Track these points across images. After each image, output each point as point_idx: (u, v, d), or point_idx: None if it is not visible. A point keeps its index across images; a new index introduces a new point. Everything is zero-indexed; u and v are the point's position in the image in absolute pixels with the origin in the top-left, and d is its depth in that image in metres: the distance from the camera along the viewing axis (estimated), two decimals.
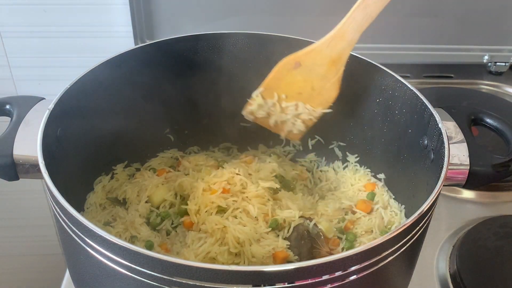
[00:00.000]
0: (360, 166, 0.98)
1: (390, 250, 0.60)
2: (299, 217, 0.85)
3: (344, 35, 0.80)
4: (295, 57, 0.85)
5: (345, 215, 0.88)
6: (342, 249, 0.83)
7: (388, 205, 0.90)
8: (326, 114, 0.98)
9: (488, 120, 0.80)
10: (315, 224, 0.84)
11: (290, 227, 0.83)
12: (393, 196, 0.92)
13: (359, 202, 0.90)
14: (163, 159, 1.01)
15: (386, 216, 0.86)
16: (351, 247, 0.82)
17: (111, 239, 0.55)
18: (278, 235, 0.82)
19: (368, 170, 0.97)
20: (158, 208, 0.89)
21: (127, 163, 0.97)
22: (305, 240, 0.81)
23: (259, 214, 0.83)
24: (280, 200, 0.88)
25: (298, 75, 0.86)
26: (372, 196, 0.91)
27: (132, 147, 0.96)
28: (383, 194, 0.92)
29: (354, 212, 0.88)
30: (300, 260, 0.79)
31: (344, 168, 1.00)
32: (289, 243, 0.80)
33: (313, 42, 0.93)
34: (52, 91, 0.81)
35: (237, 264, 0.78)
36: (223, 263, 0.77)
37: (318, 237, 0.82)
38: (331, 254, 0.79)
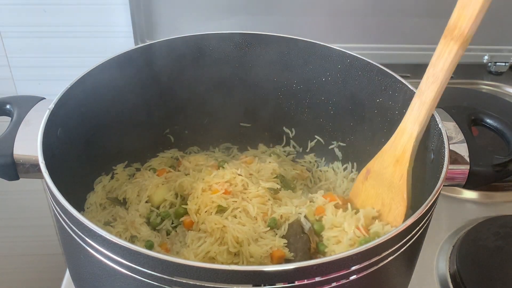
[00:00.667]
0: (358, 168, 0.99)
1: (390, 250, 0.60)
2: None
3: (405, 129, 0.77)
4: (366, 167, 0.83)
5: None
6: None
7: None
8: (326, 115, 0.99)
9: (488, 120, 0.80)
10: (306, 218, 0.83)
11: (286, 224, 0.83)
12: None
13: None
14: (163, 159, 1.01)
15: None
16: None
17: (111, 239, 0.55)
18: (276, 234, 0.82)
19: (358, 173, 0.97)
20: (158, 208, 0.89)
21: (127, 163, 0.97)
22: (300, 236, 0.81)
23: (258, 214, 0.83)
24: (280, 199, 0.88)
25: (369, 187, 0.83)
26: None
27: (132, 147, 0.96)
28: None
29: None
30: (296, 256, 0.79)
31: (344, 170, 1.00)
32: (286, 241, 0.80)
33: (313, 42, 0.93)
34: (52, 91, 0.81)
35: (236, 263, 0.78)
36: (222, 263, 0.77)
37: (311, 233, 0.82)
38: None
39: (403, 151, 0.77)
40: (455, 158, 0.73)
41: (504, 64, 1.44)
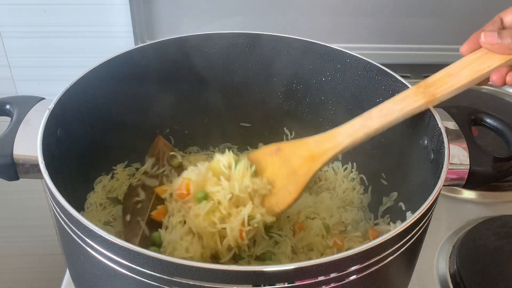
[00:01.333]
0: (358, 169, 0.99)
1: (390, 250, 0.60)
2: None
3: (336, 136, 0.77)
4: (279, 144, 0.82)
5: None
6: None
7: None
8: (326, 115, 0.99)
9: (488, 120, 0.80)
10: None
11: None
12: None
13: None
14: None
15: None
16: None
17: (111, 239, 0.55)
18: None
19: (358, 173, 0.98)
20: None
21: (127, 163, 0.97)
22: None
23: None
24: None
25: (270, 164, 0.81)
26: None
27: (132, 147, 0.96)
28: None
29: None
30: None
31: (344, 170, 1.00)
32: None
33: (313, 42, 0.93)
34: (52, 91, 0.81)
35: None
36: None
37: None
38: None
39: (322, 153, 0.78)
40: (455, 158, 0.73)
41: None
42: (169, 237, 0.78)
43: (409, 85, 0.82)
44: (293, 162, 0.79)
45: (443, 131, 0.73)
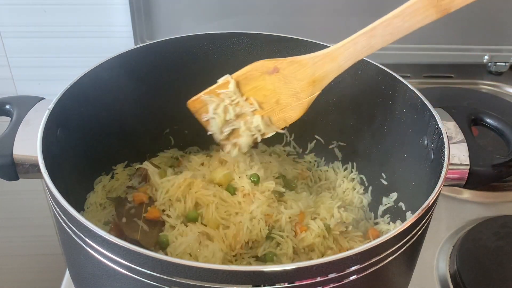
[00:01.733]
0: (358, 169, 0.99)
1: (390, 250, 0.60)
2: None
3: (337, 57, 0.73)
4: (275, 62, 0.78)
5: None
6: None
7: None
8: (326, 115, 0.99)
9: (488, 120, 0.80)
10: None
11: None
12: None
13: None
14: (163, 159, 1.01)
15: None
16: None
17: (111, 239, 0.55)
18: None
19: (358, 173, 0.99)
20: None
21: (127, 163, 0.97)
22: None
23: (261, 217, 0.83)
24: (285, 202, 0.89)
25: (269, 83, 0.79)
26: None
27: (132, 147, 0.96)
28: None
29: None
30: None
31: (344, 170, 1.00)
32: None
33: (313, 42, 0.93)
34: (52, 91, 0.81)
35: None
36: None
37: None
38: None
39: (324, 76, 0.76)
40: (455, 158, 0.73)
41: (504, 64, 1.44)
42: (180, 245, 0.78)
43: (409, 85, 0.83)
44: (295, 85, 0.78)
45: (443, 131, 0.73)
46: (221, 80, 0.83)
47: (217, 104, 0.84)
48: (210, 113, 0.84)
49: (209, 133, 0.87)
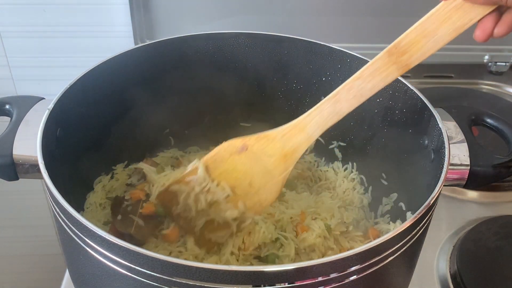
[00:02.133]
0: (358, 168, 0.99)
1: (390, 250, 0.60)
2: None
3: (305, 128, 0.71)
4: (243, 140, 0.75)
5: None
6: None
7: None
8: None
9: (489, 120, 0.80)
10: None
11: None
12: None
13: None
14: (163, 158, 1.01)
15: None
16: None
17: (111, 239, 0.55)
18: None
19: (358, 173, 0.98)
20: None
21: (127, 163, 0.97)
22: None
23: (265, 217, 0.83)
24: (286, 202, 0.88)
25: (240, 163, 0.76)
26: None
27: (132, 147, 0.96)
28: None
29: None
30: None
31: (344, 170, 1.00)
32: None
33: (313, 42, 0.93)
34: (52, 91, 0.81)
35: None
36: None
37: None
38: None
39: (294, 149, 0.73)
40: (455, 158, 0.73)
41: (504, 64, 1.44)
42: None
43: (409, 85, 0.82)
44: (266, 162, 0.75)
45: (443, 131, 0.73)
46: (190, 167, 0.78)
47: (188, 193, 0.78)
48: (180, 204, 0.79)
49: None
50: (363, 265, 0.57)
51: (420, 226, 0.63)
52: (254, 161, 0.75)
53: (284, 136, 0.73)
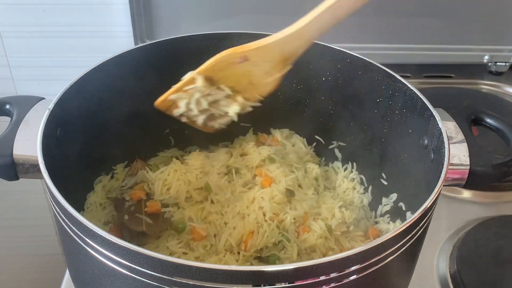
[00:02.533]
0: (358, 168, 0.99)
1: (390, 250, 0.60)
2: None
3: (303, 35, 0.73)
4: (243, 51, 0.77)
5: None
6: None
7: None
8: (326, 115, 0.99)
9: (489, 120, 0.80)
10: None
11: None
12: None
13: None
14: (163, 158, 1.01)
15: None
16: None
17: (111, 239, 0.55)
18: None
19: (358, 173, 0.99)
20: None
21: (127, 163, 0.97)
22: None
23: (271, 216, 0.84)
24: (289, 202, 0.88)
25: (238, 69, 0.78)
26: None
27: (132, 147, 0.96)
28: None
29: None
30: None
31: (344, 170, 1.00)
32: None
33: (313, 42, 0.93)
34: (52, 91, 0.81)
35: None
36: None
37: None
38: None
39: (293, 53, 0.76)
40: (455, 158, 0.73)
41: (504, 64, 1.44)
42: None
43: (409, 85, 0.82)
44: (265, 66, 0.78)
45: (443, 131, 0.73)
46: (186, 77, 0.81)
47: (188, 100, 0.83)
48: (181, 108, 0.84)
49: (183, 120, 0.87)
50: (363, 265, 0.57)
51: (420, 226, 0.63)
52: (253, 66, 0.78)
53: (283, 44, 0.75)
